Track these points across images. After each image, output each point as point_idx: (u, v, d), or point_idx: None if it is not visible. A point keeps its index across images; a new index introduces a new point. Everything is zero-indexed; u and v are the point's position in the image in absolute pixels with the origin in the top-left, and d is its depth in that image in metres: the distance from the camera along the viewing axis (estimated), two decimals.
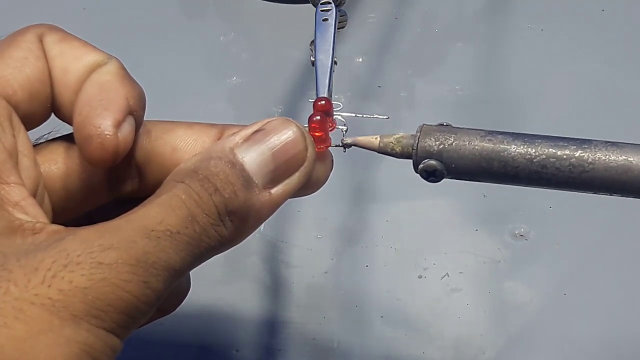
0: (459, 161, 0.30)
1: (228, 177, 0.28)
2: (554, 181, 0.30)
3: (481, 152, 0.30)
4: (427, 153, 0.31)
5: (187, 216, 0.27)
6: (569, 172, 0.29)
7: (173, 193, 0.28)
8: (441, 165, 0.31)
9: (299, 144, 0.30)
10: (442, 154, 0.31)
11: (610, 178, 0.29)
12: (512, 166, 0.30)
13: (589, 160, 0.29)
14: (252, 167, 0.29)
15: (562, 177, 0.29)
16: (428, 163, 0.31)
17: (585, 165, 0.29)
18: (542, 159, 0.29)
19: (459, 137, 0.31)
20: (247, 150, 0.29)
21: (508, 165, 0.30)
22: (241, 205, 0.28)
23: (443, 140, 0.31)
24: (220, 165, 0.29)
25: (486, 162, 0.30)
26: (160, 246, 0.26)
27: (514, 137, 0.30)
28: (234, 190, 0.28)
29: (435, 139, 0.31)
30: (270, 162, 0.30)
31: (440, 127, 0.31)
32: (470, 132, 0.31)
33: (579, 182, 0.29)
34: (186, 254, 0.27)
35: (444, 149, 0.31)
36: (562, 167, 0.29)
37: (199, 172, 0.28)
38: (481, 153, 0.30)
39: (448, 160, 0.31)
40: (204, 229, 0.27)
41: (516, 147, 0.30)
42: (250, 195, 0.29)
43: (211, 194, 0.28)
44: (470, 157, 0.30)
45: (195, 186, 0.28)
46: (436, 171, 0.31)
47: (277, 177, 0.30)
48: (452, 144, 0.30)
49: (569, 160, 0.29)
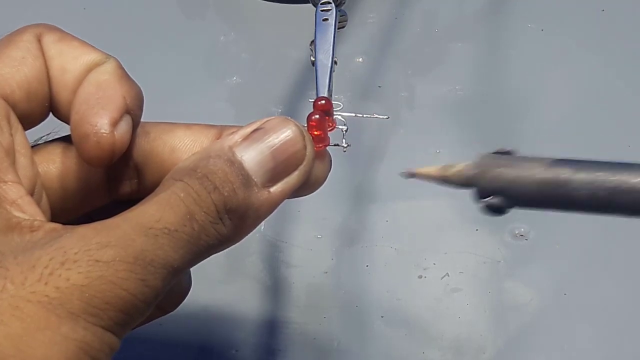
0: (521, 197, 0.30)
1: (227, 175, 0.28)
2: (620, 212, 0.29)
3: (542, 188, 0.29)
4: (488, 190, 0.30)
5: (186, 214, 0.27)
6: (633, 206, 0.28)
7: (171, 191, 0.28)
8: (503, 202, 0.30)
9: (297, 142, 0.30)
10: (502, 190, 0.30)
11: None
12: (575, 201, 0.29)
13: None
14: (251, 165, 0.29)
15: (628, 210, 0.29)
16: (490, 201, 0.30)
17: None
18: (605, 193, 0.28)
19: (520, 171, 0.29)
20: (246, 148, 0.29)
21: (571, 200, 0.29)
22: (240, 203, 0.28)
23: (503, 176, 0.30)
24: (219, 164, 0.29)
25: (548, 197, 0.29)
26: (158, 244, 0.26)
27: (575, 168, 0.29)
28: (233, 189, 0.28)
29: (495, 176, 0.30)
30: (269, 160, 0.30)
31: (499, 158, 0.30)
32: (530, 165, 0.30)
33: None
34: (185, 252, 0.27)
35: (504, 186, 0.30)
36: (627, 201, 0.28)
37: (198, 170, 0.28)
38: (542, 189, 0.29)
39: (509, 196, 0.30)
40: (202, 227, 0.27)
41: (578, 182, 0.29)
42: (250, 193, 0.29)
43: (210, 192, 0.28)
44: (532, 192, 0.29)
45: (194, 184, 0.28)
46: (499, 208, 0.30)
47: (276, 176, 0.30)
48: (512, 180, 0.29)
49: (633, 194, 0.28)
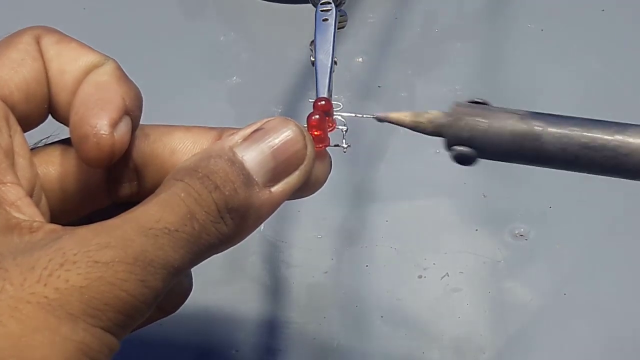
0: (491, 147, 0.30)
1: (228, 174, 0.28)
2: (588, 169, 0.29)
3: (513, 139, 0.29)
4: (459, 139, 0.30)
5: (186, 214, 0.27)
6: (603, 163, 0.29)
7: (172, 191, 0.28)
8: (472, 152, 0.30)
9: (298, 142, 0.30)
10: (473, 140, 0.30)
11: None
12: (545, 155, 0.29)
13: (623, 152, 0.28)
14: (252, 165, 0.29)
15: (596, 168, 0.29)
16: (460, 150, 0.30)
17: (619, 157, 0.28)
18: (576, 149, 0.29)
19: (492, 122, 0.30)
20: (246, 148, 0.29)
21: (541, 153, 0.29)
22: (241, 202, 0.28)
23: (474, 125, 0.30)
24: (220, 163, 0.28)
25: (518, 149, 0.29)
26: (158, 244, 0.26)
27: (548, 122, 0.29)
28: (234, 188, 0.28)
29: (466, 124, 0.30)
30: (270, 160, 0.30)
31: (473, 107, 0.30)
32: (503, 116, 0.30)
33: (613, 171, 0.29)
34: (185, 252, 0.27)
35: (475, 135, 0.30)
36: (596, 157, 0.29)
37: (199, 170, 0.28)
38: (513, 140, 0.29)
39: (479, 146, 0.30)
40: (203, 227, 0.27)
41: (549, 135, 0.29)
42: (251, 193, 0.29)
43: (211, 192, 0.28)
44: (503, 144, 0.29)
45: (194, 184, 0.28)
46: (468, 157, 0.30)
47: (277, 176, 0.30)
48: (483, 130, 0.30)
49: (603, 152, 0.28)
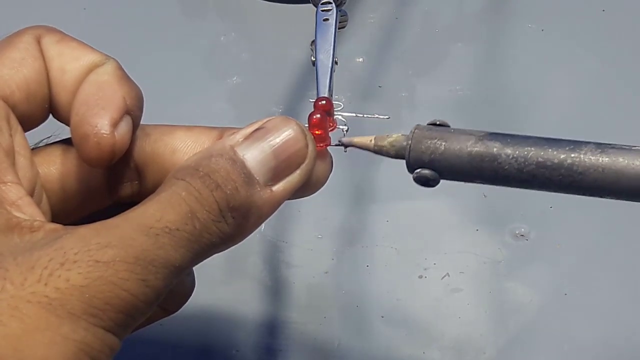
0: (450, 169, 0.30)
1: (229, 173, 0.28)
2: (546, 188, 0.29)
3: (471, 161, 0.30)
4: (420, 162, 0.31)
5: (187, 213, 0.27)
6: (559, 182, 0.29)
7: (173, 190, 0.28)
8: (433, 175, 0.30)
9: (299, 141, 0.30)
10: (433, 162, 0.30)
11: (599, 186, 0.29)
12: (503, 175, 0.30)
13: (578, 171, 0.29)
14: (253, 164, 0.29)
15: (553, 186, 0.29)
16: (421, 173, 0.31)
17: (574, 176, 0.29)
18: (532, 168, 0.29)
19: (450, 144, 0.30)
20: (247, 147, 0.29)
21: (499, 174, 0.30)
22: (243, 201, 0.28)
23: (434, 148, 0.30)
24: (221, 162, 0.28)
25: (477, 170, 0.30)
26: (159, 243, 0.26)
27: (505, 143, 0.30)
28: (236, 187, 0.28)
29: (426, 148, 0.30)
30: (271, 159, 0.30)
31: (433, 130, 0.31)
32: (461, 138, 0.30)
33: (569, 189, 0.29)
34: (186, 251, 0.27)
35: (435, 158, 0.30)
36: (552, 176, 0.29)
37: (200, 169, 0.28)
38: (471, 162, 0.30)
39: (439, 168, 0.30)
40: (204, 225, 0.27)
41: (506, 156, 0.29)
42: (252, 191, 0.29)
43: (212, 190, 0.28)
44: (461, 165, 0.30)
45: (195, 183, 0.28)
46: (429, 180, 0.31)
47: (278, 175, 0.30)
48: (443, 152, 0.30)
49: (559, 171, 0.29)
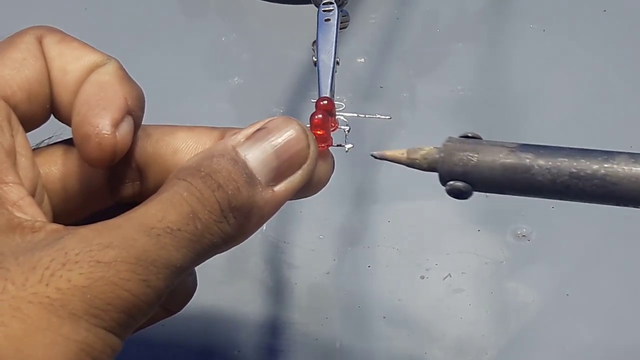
0: (483, 181, 0.30)
1: (231, 174, 0.28)
2: (579, 198, 0.29)
3: (504, 172, 0.30)
4: (452, 174, 0.30)
5: (189, 213, 0.27)
6: (592, 192, 0.29)
7: (174, 190, 0.27)
8: (466, 187, 0.30)
9: (301, 141, 0.30)
10: (466, 174, 0.30)
11: (634, 197, 0.28)
12: (536, 187, 0.29)
13: (612, 181, 0.28)
14: (255, 164, 0.29)
15: (587, 197, 0.29)
16: (454, 185, 0.30)
17: (608, 186, 0.29)
18: (565, 179, 0.29)
19: (482, 156, 0.30)
20: (249, 148, 0.29)
21: (532, 185, 0.29)
22: (244, 201, 0.28)
23: (466, 160, 0.30)
24: (223, 163, 0.28)
25: (510, 182, 0.30)
26: (161, 244, 0.26)
27: (537, 154, 0.29)
28: (237, 187, 0.28)
29: (458, 160, 0.30)
30: (272, 159, 0.30)
31: (464, 142, 0.30)
32: (493, 150, 0.30)
33: (603, 199, 0.29)
34: (187, 251, 0.27)
35: (468, 170, 0.30)
36: (586, 187, 0.29)
37: (201, 169, 0.28)
38: (504, 174, 0.30)
39: (472, 180, 0.30)
40: (206, 226, 0.27)
41: (539, 167, 0.29)
42: (254, 192, 0.29)
43: (214, 191, 0.28)
44: (494, 177, 0.30)
45: (197, 183, 0.28)
46: (462, 192, 0.30)
47: (280, 175, 0.30)
48: (475, 165, 0.30)
49: (592, 181, 0.29)
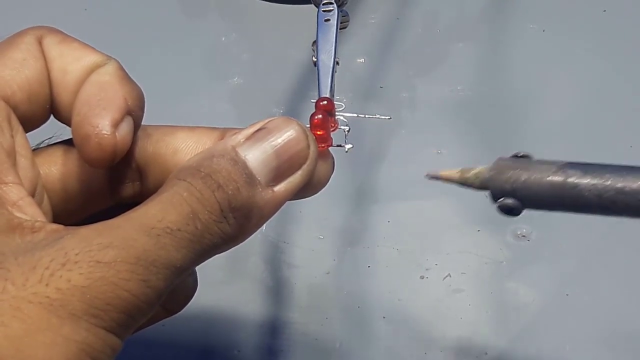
0: (532, 198, 0.31)
1: (231, 174, 0.28)
2: (625, 213, 0.30)
3: (552, 190, 0.31)
4: (502, 192, 0.31)
5: (189, 213, 0.27)
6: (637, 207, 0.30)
7: (174, 191, 0.28)
8: (516, 203, 0.31)
9: (301, 141, 0.30)
10: (515, 192, 0.31)
11: None
12: (583, 203, 0.30)
13: None
14: (255, 164, 0.29)
15: (632, 212, 0.30)
16: (504, 202, 0.31)
17: None
18: (611, 195, 0.30)
19: (531, 173, 0.31)
20: (249, 148, 0.29)
21: (579, 201, 0.30)
22: (244, 202, 0.28)
23: (515, 178, 0.31)
24: (223, 163, 0.28)
25: (558, 199, 0.31)
26: (160, 244, 0.26)
27: (584, 171, 0.30)
28: (237, 187, 0.28)
29: (508, 177, 0.31)
30: (272, 159, 0.30)
31: (515, 161, 0.32)
32: (542, 168, 0.31)
33: None
34: (187, 252, 0.27)
35: (517, 187, 0.31)
36: (631, 202, 0.30)
37: (201, 169, 0.28)
38: (552, 191, 0.31)
39: (522, 197, 0.31)
40: (206, 226, 0.27)
41: (586, 183, 0.30)
42: (254, 192, 0.29)
43: (214, 191, 0.28)
44: (542, 194, 0.31)
45: (197, 183, 0.28)
46: (512, 209, 0.31)
47: (280, 175, 0.30)
48: (524, 182, 0.31)
49: (637, 197, 0.29)
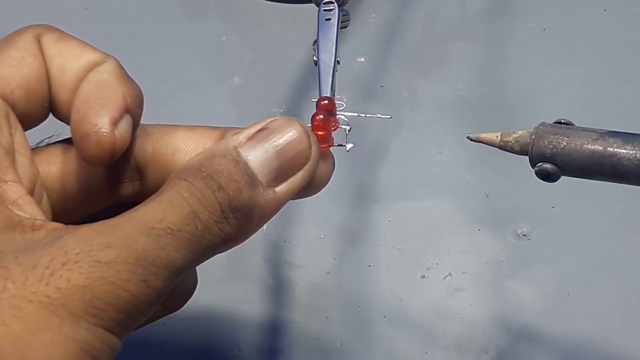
0: (571, 165, 0.31)
1: (232, 174, 0.28)
2: None
3: (591, 156, 0.31)
4: (542, 156, 0.32)
5: (189, 213, 0.27)
6: None
7: (175, 191, 0.27)
8: (554, 169, 0.31)
9: (302, 142, 0.30)
10: (555, 157, 0.31)
11: None
12: (622, 171, 0.30)
13: None
14: (256, 165, 0.29)
15: None
16: (542, 167, 0.32)
17: None
18: None
19: (572, 140, 0.31)
20: (251, 148, 0.29)
21: (617, 169, 0.31)
22: (245, 202, 0.28)
23: (556, 143, 0.31)
24: (224, 163, 0.28)
25: (596, 166, 0.31)
26: (161, 244, 0.26)
27: (624, 140, 0.31)
28: (238, 188, 0.28)
29: (549, 142, 0.31)
30: (274, 160, 0.29)
31: (556, 127, 0.32)
32: (583, 135, 0.31)
33: None
34: (187, 252, 0.27)
35: (557, 152, 0.31)
36: None
37: (202, 169, 0.28)
38: (591, 157, 0.31)
39: (561, 163, 0.31)
40: (206, 227, 0.27)
41: (625, 151, 0.30)
42: (255, 193, 0.29)
43: (215, 191, 0.28)
44: (582, 160, 0.31)
45: (198, 184, 0.28)
46: (550, 174, 0.32)
47: (281, 175, 0.30)
48: (564, 148, 0.31)
49: None
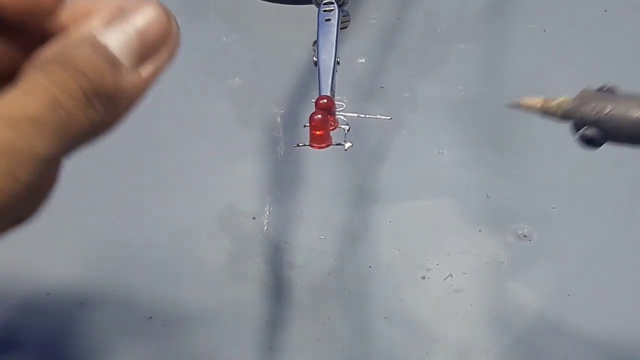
0: (615, 131, 0.31)
1: (92, 59, 0.27)
2: None
3: (636, 124, 0.30)
4: (585, 121, 0.31)
5: (51, 101, 0.26)
6: None
7: (33, 79, 0.26)
8: (598, 134, 0.31)
9: (162, 19, 0.29)
10: (598, 122, 0.31)
11: None
12: None
13: None
14: (117, 48, 0.28)
15: None
16: (585, 132, 0.31)
17: None
18: None
19: (617, 106, 0.31)
20: (109, 32, 0.28)
21: None
22: (110, 86, 0.27)
23: (600, 109, 0.31)
24: (83, 49, 0.27)
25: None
26: (22, 134, 0.25)
27: None
28: (100, 72, 0.27)
29: (592, 107, 0.31)
30: (134, 41, 0.28)
31: (600, 93, 0.31)
32: (628, 101, 0.31)
33: None
34: (53, 141, 0.26)
35: (601, 118, 0.31)
36: None
37: (60, 57, 0.27)
38: (636, 125, 0.30)
39: (605, 129, 0.31)
40: (71, 114, 0.26)
41: None
42: (119, 76, 0.28)
43: (76, 78, 0.27)
44: (626, 127, 0.30)
45: (57, 71, 0.27)
46: (593, 139, 0.31)
47: (144, 56, 0.29)
48: (608, 114, 0.31)
49: None
